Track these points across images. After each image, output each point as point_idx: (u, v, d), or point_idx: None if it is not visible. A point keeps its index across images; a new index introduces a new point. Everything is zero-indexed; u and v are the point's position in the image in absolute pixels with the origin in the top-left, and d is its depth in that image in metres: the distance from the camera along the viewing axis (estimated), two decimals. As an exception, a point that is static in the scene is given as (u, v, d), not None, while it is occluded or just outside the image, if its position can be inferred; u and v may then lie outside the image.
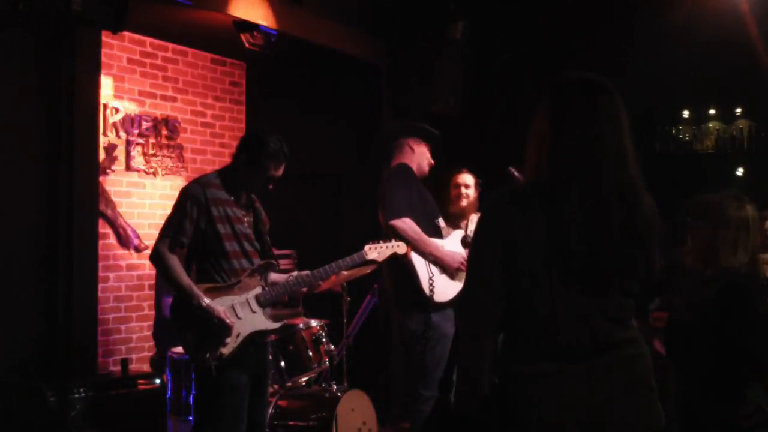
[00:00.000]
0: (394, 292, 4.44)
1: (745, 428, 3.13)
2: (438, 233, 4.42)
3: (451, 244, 4.45)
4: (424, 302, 4.23)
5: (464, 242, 4.47)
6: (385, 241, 4.07)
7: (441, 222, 4.53)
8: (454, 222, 4.86)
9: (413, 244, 4.22)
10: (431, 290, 4.23)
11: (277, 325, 3.78)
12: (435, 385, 4.21)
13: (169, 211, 3.67)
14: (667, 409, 2.13)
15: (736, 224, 3.16)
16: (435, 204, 4.57)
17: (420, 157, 4.53)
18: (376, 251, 4.02)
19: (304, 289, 3.83)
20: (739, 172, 5.72)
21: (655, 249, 2.10)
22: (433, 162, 4.59)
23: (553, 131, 2.05)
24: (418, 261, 4.25)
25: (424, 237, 4.25)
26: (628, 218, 2.01)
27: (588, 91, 2.07)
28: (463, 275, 4.23)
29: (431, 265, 4.28)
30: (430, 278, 4.24)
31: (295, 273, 3.84)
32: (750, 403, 3.14)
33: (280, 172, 3.70)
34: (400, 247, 4.10)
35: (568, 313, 2.00)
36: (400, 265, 4.24)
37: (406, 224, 4.21)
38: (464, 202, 4.99)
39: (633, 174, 2.04)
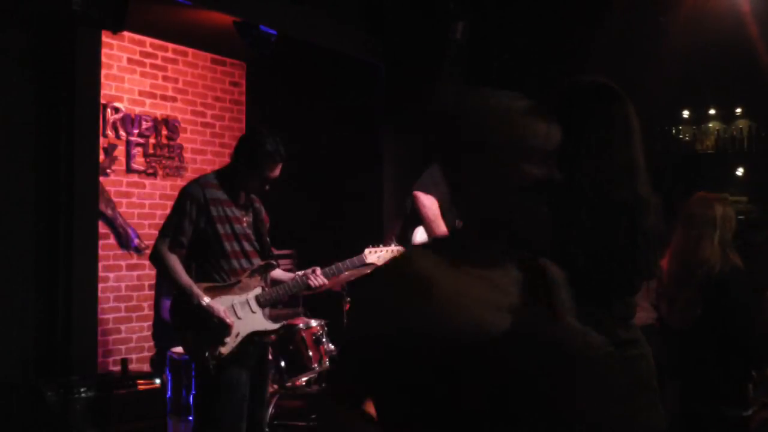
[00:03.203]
0: None
1: (750, 427, 3.14)
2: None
3: None
4: None
5: None
6: (385, 245, 4.11)
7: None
8: None
9: (425, 223, 4.25)
10: None
11: (276, 326, 3.79)
12: None
13: (169, 211, 3.67)
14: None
15: (704, 223, 3.20)
16: None
17: None
18: (376, 255, 4.05)
19: (305, 291, 3.86)
20: (739, 172, 5.72)
21: (658, 250, 2.10)
22: None
23: (566, 135, 2.05)
24: (419, 242, 4.28)
25: (439, 220, 4.27)
26: (635, 222, 2.01)
27: (603, 97, 2.08)
28: None
29: None
30: None
31: (299, 273, 3.86)
32: (754, 401, 3.15)
33: (277, 172, 3.70)
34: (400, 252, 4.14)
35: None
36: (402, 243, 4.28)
37: (428, 200, 4.26)
38: None
39: (642, 179, 2.05)
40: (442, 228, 4.26)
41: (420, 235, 4.31)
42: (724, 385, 3.14)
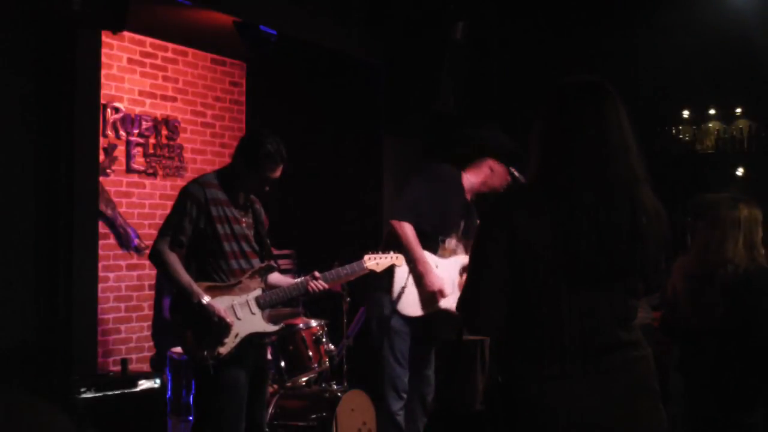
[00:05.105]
0: (369, 281, 4.51)
1: None
2: (432, 248, 4.42)
3: (448, 266, 4.44)
4: (387, 303, 4.36)
5: (463, 270, 4.43)
6: (384, 252, 4.11)
7: (450, 242, 4.51)
8: None
9: (404, 248, 4.29)
10: (398, 299, 4.32)
11: (275, 328, 3.79)
12: (396, 384, 4.39)
13: (169, 212, 3.67)
14: (667, 412, 2.13)
15: (729, 223, 3.17)
16: (458, 221, 4.52)
17: (496, 177, 4.50)
18: (375, 261, 4.06)
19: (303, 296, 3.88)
20: (739, 172, 5.71)
21: (660, 249, 2.10)
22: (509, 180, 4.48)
23: (562, 134, 2.08)
24: (400, 267, 4.28)
25: (417, 248, 4.30)
26: (635, 219, 2.02)
27: (594, 94, 2.11)
28: (432, 304, 4.33)
29: (410, 277, 4.32)
30: (403, 288, 4.32)
31: (299, 279, 3.86)
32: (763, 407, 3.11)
33: (278, 173, 3.70)
34: (399, 259, 4.17)
35: (573, 313, 2.01)
36: None
37: (404, 228, 4.30)
38: None
39: (639, 175, 2.07)
40: (419, 255, 4.29)
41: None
42: (741, 389, 3.11)
